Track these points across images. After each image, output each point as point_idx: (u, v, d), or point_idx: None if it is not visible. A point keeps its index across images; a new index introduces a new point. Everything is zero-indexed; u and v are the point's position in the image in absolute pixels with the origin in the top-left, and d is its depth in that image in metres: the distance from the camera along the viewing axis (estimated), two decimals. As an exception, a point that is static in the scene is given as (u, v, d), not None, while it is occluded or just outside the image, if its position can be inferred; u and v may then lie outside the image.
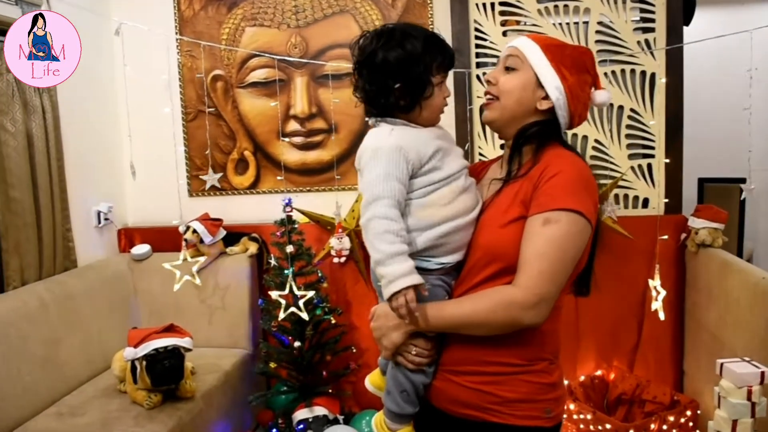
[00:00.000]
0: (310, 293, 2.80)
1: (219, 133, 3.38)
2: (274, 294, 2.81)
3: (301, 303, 2.78)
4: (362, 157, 1.33)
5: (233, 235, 3.29)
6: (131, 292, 3.25)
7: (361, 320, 3.21)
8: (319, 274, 3.01)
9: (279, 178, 3.30)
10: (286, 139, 3.32)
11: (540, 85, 1.35)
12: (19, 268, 2.69)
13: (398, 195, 1.26)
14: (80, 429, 2.36)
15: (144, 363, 2.41)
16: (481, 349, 1.31)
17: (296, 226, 2.96)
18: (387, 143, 1.29)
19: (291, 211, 2.92)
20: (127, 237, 3.42)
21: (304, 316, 2.79)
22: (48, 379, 2.57)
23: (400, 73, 1.30)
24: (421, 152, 1.30)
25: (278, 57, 3.18)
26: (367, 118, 1.39)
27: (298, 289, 2.81)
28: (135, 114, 3.38)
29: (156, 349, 2.41)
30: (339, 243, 2.99)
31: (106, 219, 3.28)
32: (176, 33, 3.32)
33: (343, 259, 3.06)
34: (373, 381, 1.54)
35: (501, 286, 1.27)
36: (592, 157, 3.05)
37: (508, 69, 1.38)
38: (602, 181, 3.01)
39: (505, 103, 1.37)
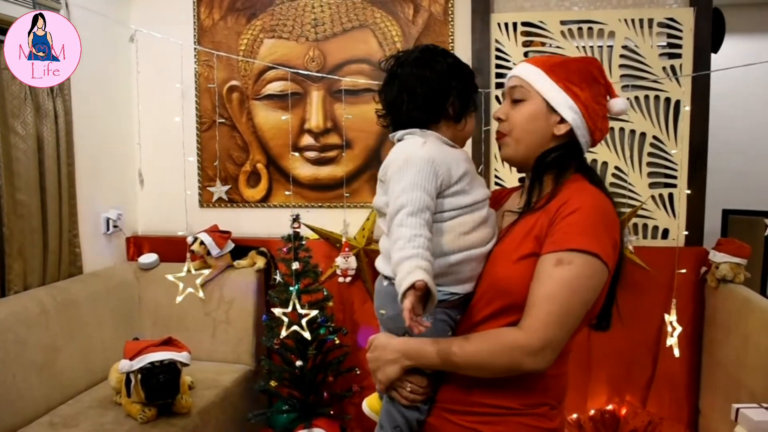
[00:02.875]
0: (314, 312, 2.74)
1: (232, 144, 3.35)
2: (277, 311, 2.75)
3: (303, 322, 2.72)
4: (389, 167, 1.26)
5: (241, 249, 3.25)
6: (136, 301, 3.21)
7: (367, 341, 3.13)
8: (325, 293, 2.94)
9: (287, 192, 3.25)
10: (297, 154, 3.28)
11: (552, 110, 1.28)
12: (22, 273, 2.66)
13: (421, 204, 1.18)
14: (72, 440, 2.32)
15: (139, 376, 2.36)
16: (479, 391, 1.25)
17: (303, 242, 2.91)
18: (419, 154, 1.23)
19: (299, 226, 2.87)
20: (136, 245, 3.40)
21: (306, 335, 2.72)
22: (44, 387, 2.53)
23: (458, 79, 1.29)
24: (453, 170, 1.24)
25: (294, 70, 3.14)
26: (392, 134, 1.34)
27: (302, 307, 2.75)
28: (148, 122, 3.36)
29: (152, 363, 2.36)
30: (345, 262, 2.92)
31: (115, 226, 3.25)
32: (195, 42, 3.30)
33: (348, 279, 2.99)
34: (370, 405, 1.48)
35: (505, 328, 1.20)
36: (612, 185, 2.96)
37: (516, 102, 1.31)
38: (621, 209, 2.91)
39: (518, 136, 1.30)
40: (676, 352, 2.68)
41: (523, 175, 1.37)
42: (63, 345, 2.65)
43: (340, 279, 3.00)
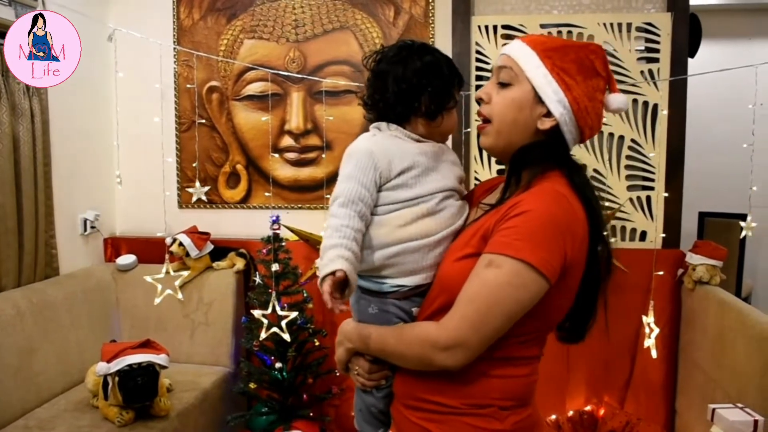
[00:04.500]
0: (294, 314, 2.73)
1: (212, 145, 3.33)
2: (257, 313, 2.73)
3: (283, 323, 2.71)
4: (343, 158, 1.30)
5: (221, 250, 3.22)
6: (114, 303, 3.18)
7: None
8: (305, 295, 2.94)
9: (267, 194, 3.24)
10: (277, 155, 3.26)
11: (540, 101, 1.16)
12: (-3, 274, 2.63)
13: (354, 195, 1.21)
14: (47, 444, 2.29)
15: (116, 379, 2.33)
16: (423, 386, 1.22)
17: (283, 243, 2.90)
18: (361, 146, 1.27)
19: (278, 228, 2.86)
20: (114, 246, 3.36)
21: (286, 337, 2.71)
22: (19, 390, 2.49)
23: (434, 76, 1.27)
24: (393, 163, 1.24)
25: (274, 71, 3.13)
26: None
27: (282, 308, 2.74)
28: (127, 122, 3.33)
29: (130, 365, 2.33)
30: None
31: (92, 227, 3.21)
32: (174, 42, 3.28)
33: None
34: None
35: (425, 322, 1.20)
36: (590, 187, 2.99)
37: (502, 85, 1.20)
38: (606, 215, 2.93)
39: (499, 127, 1.19)
40: (654, 353, 2.71)
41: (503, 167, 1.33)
42: (39, 347, 2.61)
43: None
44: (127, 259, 3.25)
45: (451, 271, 1.18)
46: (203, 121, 3.31)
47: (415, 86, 1.27)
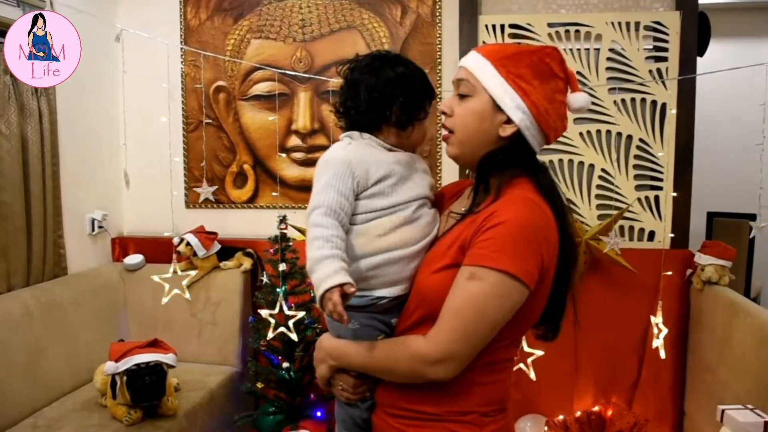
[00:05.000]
0: (301, 314, 2.73)
1: (219, 145, 3.33)
2: (264, 312, 2.73)
3: (290, 323, 2.71)
4: (317, 167, 1.29)
5: (228, 250, 3.23)
6: (121, 302, 3.19)
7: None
8: (312, 294, 2.93)
9: (274, 194, 3.24)
10: (284, 155, 3.27)
11: (499, 109, 1.18)
12: (6, 274, 2.63)
13: (335, 205, 1.21)
14: (54, 443, 2.29)
15: (124, 378, 2.34)
16: (405, 395, 1.24)
17: (290, 243, 2.90)
18: (338, 155, 1.27)
19: (285, 227, 2.86)
20: (122, 246, 3.37)
21: (294, 336, 2.71)
22: (28, 389, 2.50)
23: (407, 87, 1.29)
24: (370, 172, 1.25)
25: (281, 71, 3.13)
26: (341, 136, 1.36)
27: (289, 308, 2.74)
28: (134, 122, 3.34)
29: (137, 365, 2.34)
30: None
31: (100, 227, 3.22)
32: (181, 42, 3.28)
33: None
34: None
35: (413, 336, 1.20)
36: (598, 186, 2.97)
37: (462, 96, 1.23)
38: (607, 212, 2.93)
39: (461, 137, 1.23)
40: (662, 354, 2.70)
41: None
42: (47, 347, 2.62)
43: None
44: (134, 258, 3.26)
45: (430, 283, 1.19)
46: (210, 121, 3.31)
47: (387, 96, 1.28)
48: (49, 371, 2.61)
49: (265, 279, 2.92)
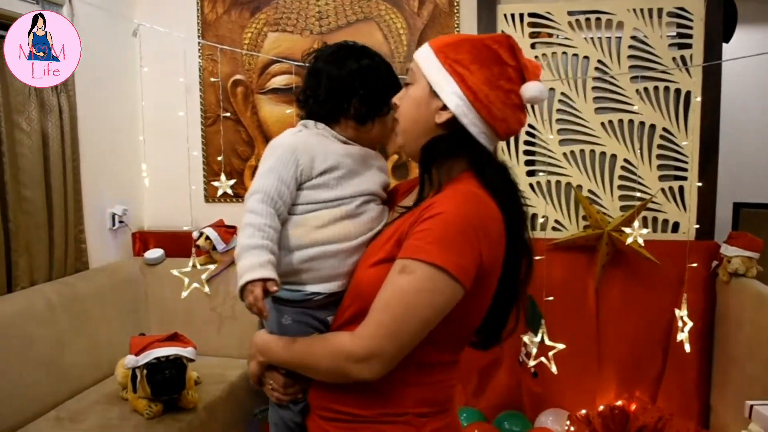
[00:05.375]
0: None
1: (237, 139, 3.33)
2: (282, 306, 2.72)
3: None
4: (265, 151, 1.26)
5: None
6: (142, 296, 3.21)
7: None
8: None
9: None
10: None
11: (436, 95, 1.14)
12: (29, 269, 2.66)
13: (274, 192, 1.16)
14: (77, 436, 2.32)
15: (144, 372, 2.35)
16: (334, 396, 1.18)
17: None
18: (285, 141, 1.23)
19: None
20: (142, 241, 3.39)
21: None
22: (51, 383, 2.52)
23: (369, 80, 1.25)
24: (316, 162, 1.21)
25: (298, 63, 3.12)
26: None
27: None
28: (152, 117, 3.35)
29: (157, 358, 2.34)
30: None
31: (120, 222, 3.24)
32: (199, 36, 3.28)
33: None
34: None
35: (339, 332, 1.14)
36: (620, 177, 2.92)
37: (406, 85, 1.21)
38: (630, 203, 2.87)
39: (404, 126, 1.20)
40: (687, 348, 2.65)
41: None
42: (69, 340, 2.65)
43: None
44: (154, 253, 3.28)
45: (365, 278, 1.14)
46: (228, 114, 3.31)
47: (347, 87, 1.24)
48: (72, 365, 2.64)
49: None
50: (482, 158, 1.16)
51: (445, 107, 1.14)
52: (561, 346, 2.65)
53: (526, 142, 3.01)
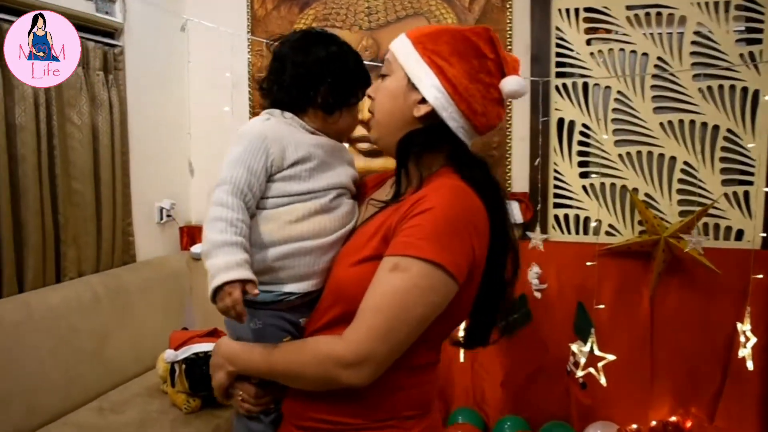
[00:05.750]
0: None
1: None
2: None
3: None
4: (231, 142, 1.18)
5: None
6: (187, 291, 3.23)
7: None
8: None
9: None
10: (348, 146, 3.21)
11: (414, 87, 1.11)
12: (77, 260, 2.70)
13: (243, 183, 1.09)
14: (117, 428, 2.33)
15: (183, 367, 2.36)
16: (319, 405, 1.12)
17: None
18: (254, 129, 1.15)
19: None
20: (189, 235, 3.42)
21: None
22: (94, 373, 2.56)
23: (337, 68, 1.19)
24: (288, 152, 1.14)
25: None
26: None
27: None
28: (199, 112, 3.37)
29: (196, 354, 2.35)
30: None
31: (168, 216, 3.27)
32: (248, 32, 3.28)
33: None
34: None
35: (326, 337, 1.08)
36: (680, 181, 2.76)
37: (382, 77, 1.17)
38: (690, 208, 2.71)
39: (378, 117, 1.16)
40: (750, 365, 2.48)
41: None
42: (114, 332, 2.68)
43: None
44: (201, 247, 3.29)
45: (348, 277, 1.08)
46: (276, 111, 3.30)
47: (314, 75, 1.18)
48: (115, 356, 2.67)
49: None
50: (461, 153, 1.14)
51: (423, 100, 1.11)
52: (611, 357, 2.53)
53: (580, 143, 2.88)
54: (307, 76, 1.18)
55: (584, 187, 2.89)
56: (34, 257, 2.47)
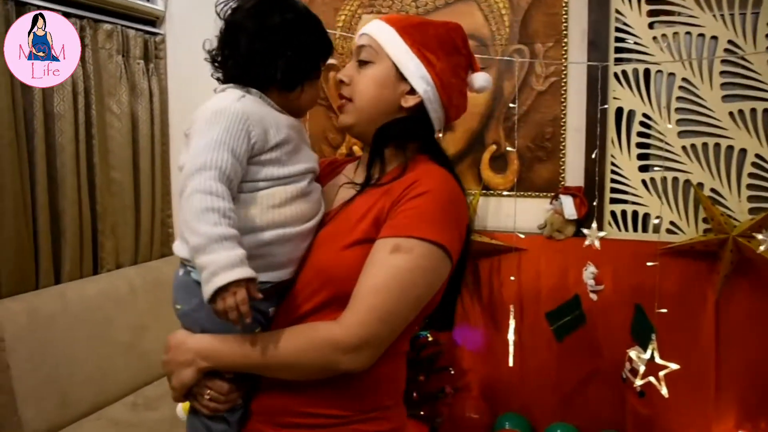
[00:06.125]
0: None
1: (329, 125, 3.22)
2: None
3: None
4: (196, 121, 1.05)
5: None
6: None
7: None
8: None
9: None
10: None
11: (402, 78, 1.12)
12: (114, 251, 2.66)
13: (229, 169, 0.98)
14: (150, 424, 2.28)
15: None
16: (298, 398, 1.07)
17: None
18: (233, 107, 1.03)
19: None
20: (230, 228, 3.35)
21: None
22: (129, 367, 2.52)
23: (296, 39, 1.09)
24: (270, 133, 1.05)
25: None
26: (215, 89, 1.16)
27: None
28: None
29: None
30: None
31: (209, 208, 3.21)
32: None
33: None
34: (186, 408, 1.21)
35: (320, 322, 1.03)
36: (751, 175, 2.54)
37: (362, 63, 1.15)
38: (761, 205, 2.49)
39: (360, 104, 1.14)
40: (828, 377, 2.26)
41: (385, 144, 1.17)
42: (150, 325, 2.63)
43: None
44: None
45: (339, 261, 1.05)
46: (321, 101, 3.20)
47: (272, 47, 1.08)
48: (151, 350, 2.62)
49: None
50: (434, 142, 1.18)
51: (411, 91, 1.13)
52: (674, 366, 2.34)
53: (640, 134, 2.68)
54: (264, 49, 1.08)
55: (644, 182, 2.69)
56: (71, 248, 2.43)
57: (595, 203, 2.69)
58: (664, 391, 2.35)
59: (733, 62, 2.53)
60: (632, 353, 2.47)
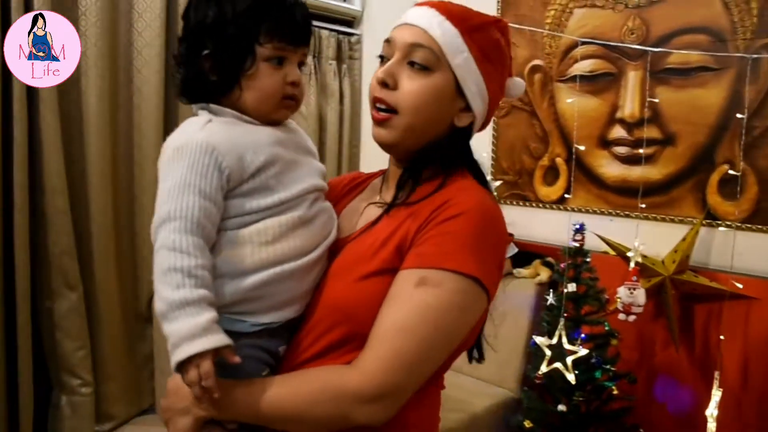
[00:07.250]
0: (583, 351, 2.16)
1: (531, 134, 2.90)
2: (539, 340, 2.25)
3: (569, 360, 2.17)
4: (161, 158, 0.90)
5: (526, 255, 2.79)
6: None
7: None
8: (607, 328, 2.32)
9: (588, 195, 2.66)
10: (604, 149, 2.67)
11: (460, 93, 0.96)
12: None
13: (199, 214, 0.84)
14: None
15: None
16: None
17: (588, 259, 2.33)
18: (195, 139, 0.88)
19: (582, 239, 2.31)
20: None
21: (570, 377, 2.16)
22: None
23: (210, 34, 0.90)
24: (246, 160, 0.89)
25: (608, 44, 2.53)
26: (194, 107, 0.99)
27: (574, 341, 2.20)
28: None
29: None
30: (629, 295, 2.20)
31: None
32: (498, 15, 2.92)
33: (631, 318, 2.23)
34: None
35: (334, 367, 0.90)
36: None
37: (416, 66, 0.94)
38: None
39: (409, 120, 0.94)
40: None
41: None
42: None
43: (621, 316, 2.25)
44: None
45: (354, 294, 0.91)
46: (523, 106, 2.90)
47: (192, 46, 0.92)
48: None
49: (550, 299, 2.41)
50: (472, 155, 1.03)
51: (466, 108, 0.98)
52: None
53: None
54: (187, 51, 0.92)
55: None
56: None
57: None
58: None
59: None
60: None
